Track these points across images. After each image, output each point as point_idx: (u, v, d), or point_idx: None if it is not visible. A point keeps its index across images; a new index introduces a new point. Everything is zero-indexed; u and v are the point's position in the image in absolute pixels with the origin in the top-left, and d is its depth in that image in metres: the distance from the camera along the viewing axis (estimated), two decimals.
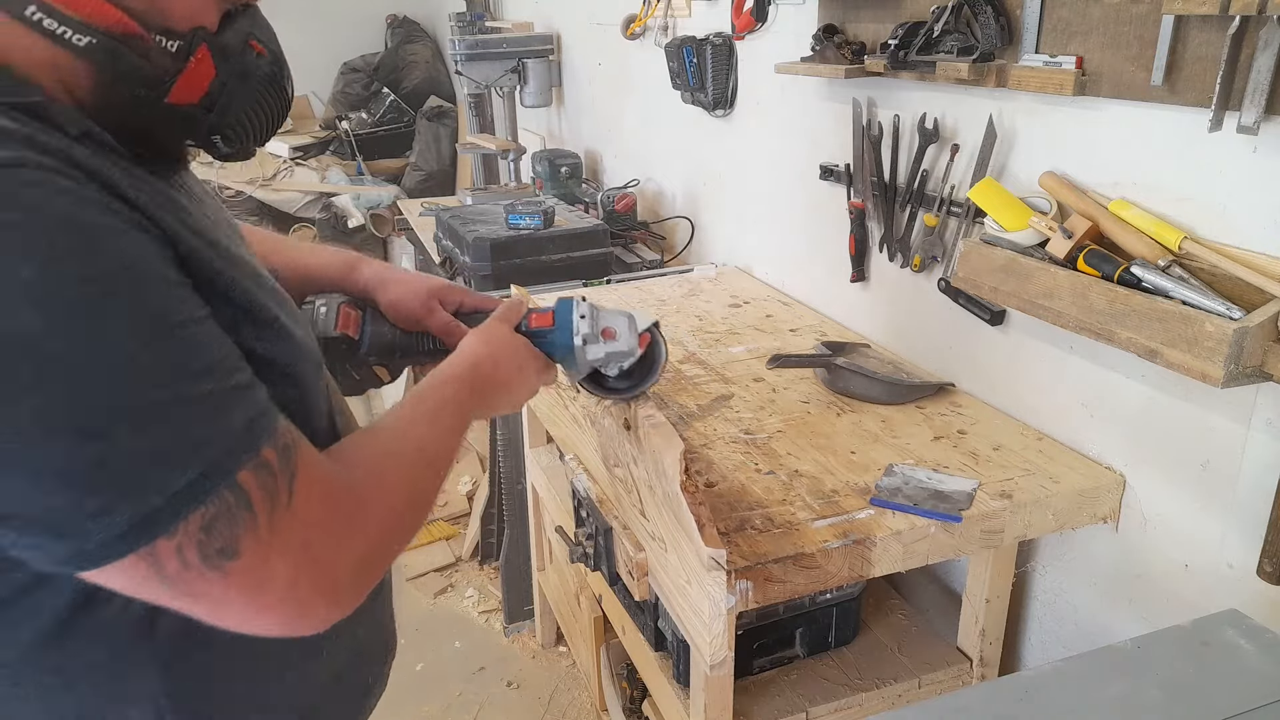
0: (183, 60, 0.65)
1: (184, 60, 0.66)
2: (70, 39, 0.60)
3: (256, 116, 0.72)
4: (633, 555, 1.21)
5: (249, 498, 0.60)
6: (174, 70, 0.65)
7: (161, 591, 0.59)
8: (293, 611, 0.63)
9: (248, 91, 0.71)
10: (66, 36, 0.60)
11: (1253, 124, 1.04)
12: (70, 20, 0.60)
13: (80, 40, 0.61)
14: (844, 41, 1.72)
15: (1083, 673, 0.93)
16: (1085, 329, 1.21)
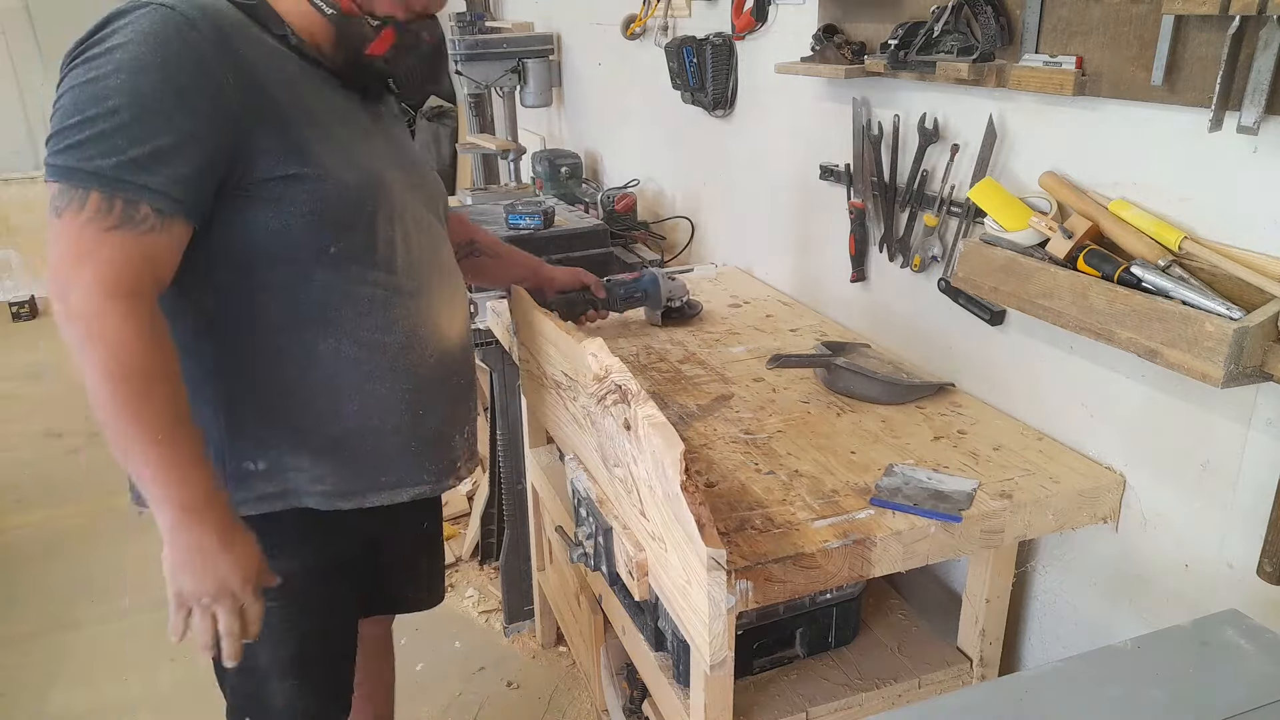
0: (378, 32, 1.19)
1: (379, 32, 1.19)
2: (324, 9, 1.16)
3: (415, 75, 1.25)
4: (633, 555, 1.21)
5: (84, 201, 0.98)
6: (373, 36, 1.19)
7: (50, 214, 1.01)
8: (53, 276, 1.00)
9: (413, 59, 1.23)
10: (323, 8, 1.16)
11: (1253, 124, 1.04)
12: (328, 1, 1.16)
13: (329, 10, 1.16)
14: (844, 41, 1.72)
15: (1082, 673, 0.93)
16: (1085, 329, 1.21)
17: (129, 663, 2.41)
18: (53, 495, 3.25)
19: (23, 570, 2.83)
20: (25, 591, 2.73)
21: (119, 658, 2.43)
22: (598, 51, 3.13)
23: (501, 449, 2.31)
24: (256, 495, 1.21)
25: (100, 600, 2.67)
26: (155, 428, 1.03)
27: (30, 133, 5.23)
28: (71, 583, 2.76)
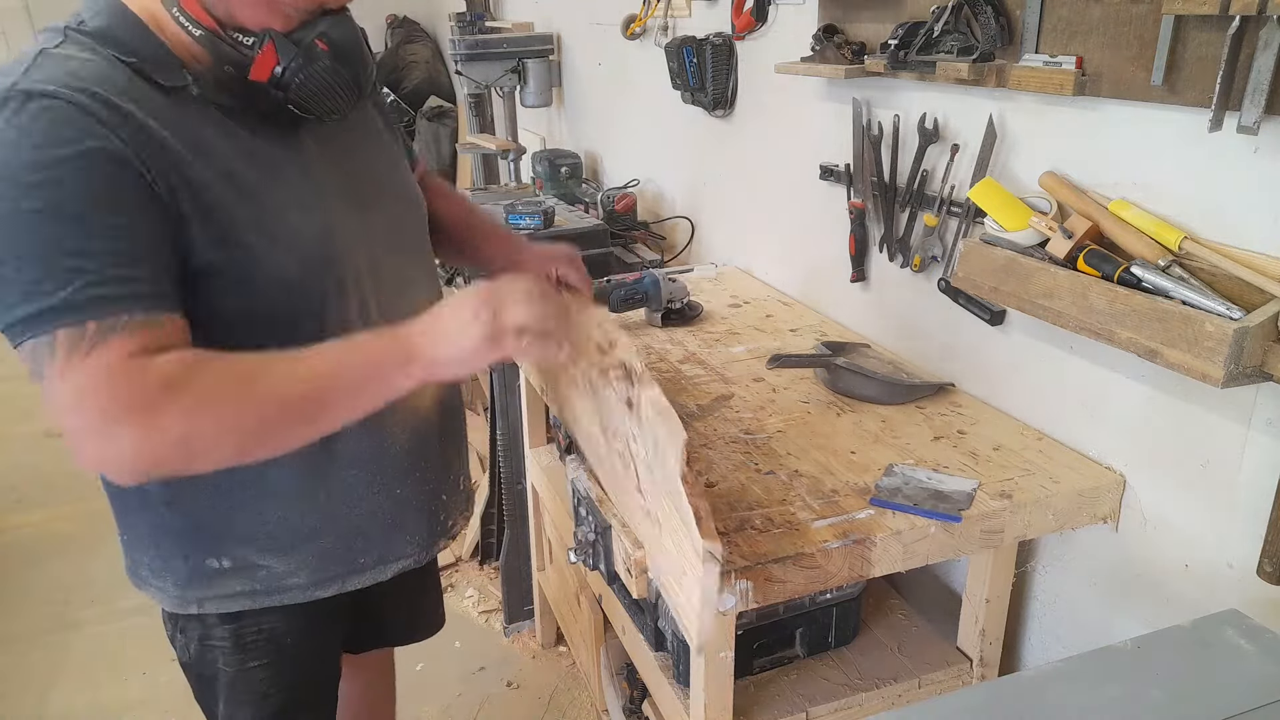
0: (255, 50, 0.95)
1: (256, 50, 0.95)
2: (189, 29, 0.95)
3: (317, 93, 0.99)
4: (631, 553, 1.21)
5: (54, 346, 0.85)
6: (251, 58, 0.96)
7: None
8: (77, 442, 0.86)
9: (310, 74, 0.98)
10: (188, 28, 0.95)
11: (1253, 124, 1.04)
12: (189, 17, 0.95)
13: (195, 31, 0.95)
14: (844, 42, 1.72)
15: (1082, 673, 0.93)
16: (1085, 329, 1.21)
17: (129, 663, 2.41)
18: (53, 495, 3.25)
19: (23, 570, 2.83)
20: (25, 591, 2.73)
21: (119, 658, 2.44)
22: (598, 51, 3.13)
23: (501, 449, 2.31)
24: (224, 594, 1.13)
25: (100, 600, 2.67)
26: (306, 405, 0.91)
27: None
28: (71, 583, 2.76)
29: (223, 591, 1.13)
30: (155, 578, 1.14)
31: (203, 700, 1.26)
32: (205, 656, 1.19)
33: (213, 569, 1.11)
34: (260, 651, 1.18)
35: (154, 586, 1.15)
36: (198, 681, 1.24)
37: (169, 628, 1.21)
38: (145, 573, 1.15)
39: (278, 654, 1.20)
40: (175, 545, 1.11)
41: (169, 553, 1.11)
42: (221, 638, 1.17)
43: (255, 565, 1.12)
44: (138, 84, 0.92)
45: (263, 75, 0.96)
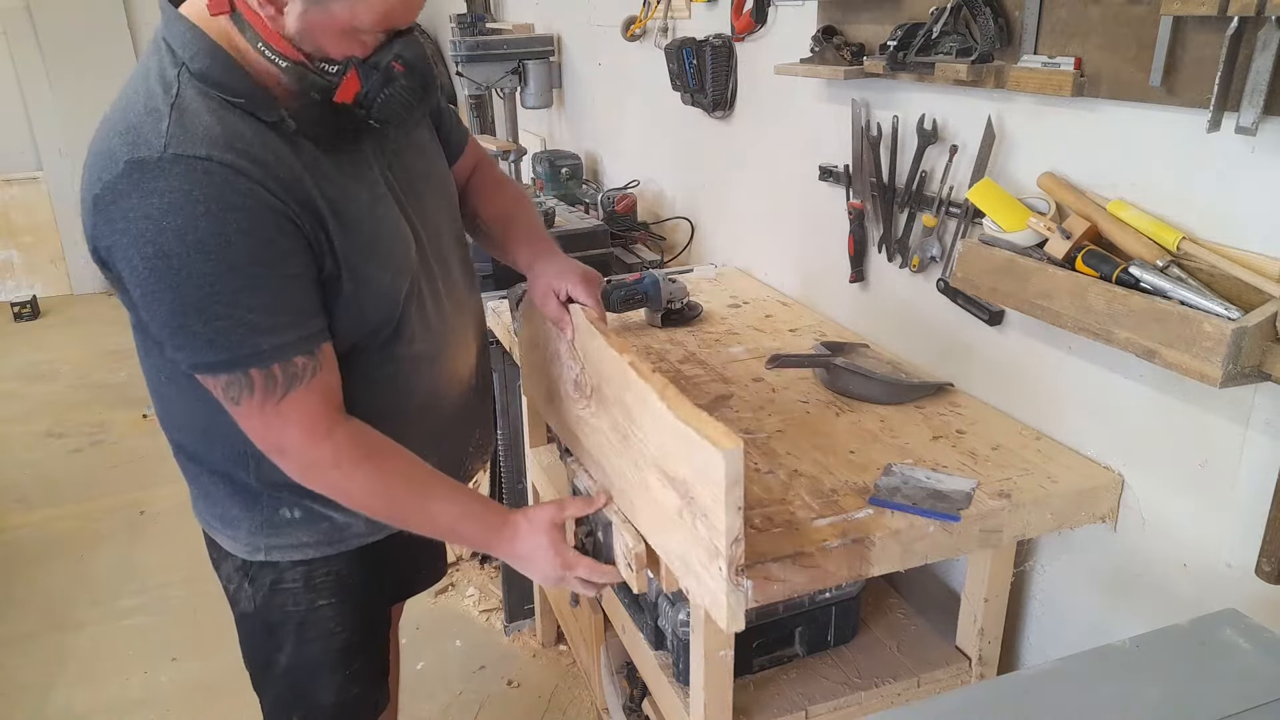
0: (340, 77, 1.04)
1: (340, 77, 1.04)
2: (276, 61, 1.02)
3: (397, 109, 1.09)
4: (631, 547, 1.21)
5: (251, 384, 1.02)
6: (336, 83, 1.04)
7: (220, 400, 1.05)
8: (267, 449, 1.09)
9: (390, 94, 1.07)
10: (275, 60, 1.02)
11: (1251, 125, 1.04)
12: (274, 50, 1.01)
13: (282, 63, 1.02)
14: (843, 43, 1.72)
15: (1081, 672, 0.93)
16: (1083, 329, 1.21)
17: (129, 663, 2.42)
18: (53, 495, 3.25)
19: (23, 570, 2.84)
20: (25, 591, 2.74)
21: (119, 658, 2.44)
22: (598, 53, 3.13)
23: (502, 449, 2.31)
24: (293, 543, 1.24)
25: (100, 600, 2.67)
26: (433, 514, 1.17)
27: (32, 133, 5.24)
28: (71, 583, 2.76)
29: (290, 540, 1.24)
30: (226, 526, 1.25)
31: (261, 651, 1.34)
32: (274, 601, 1.28)
33: (284, 519, 1.23)
34: (329, 591, 1.29)
35: (225, 534, 1.26)
36: (261, 630, 1.31)
37: (235, 580, 1.29)
38: (216, 522, 1.26)
39: (344, 594, 1.31)
40: (253, 499, 1.21)
41: (245, 504, 1.22)
42: (293, 579, 1.27)
43: (321, 516, 1.23)
44: (256, 128, 1.01)
45: (348, 97, 1.06)
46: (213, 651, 2.40)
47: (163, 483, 3.26)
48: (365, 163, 1.15)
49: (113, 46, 5.19)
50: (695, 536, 1.06)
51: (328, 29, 1.00)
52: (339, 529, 1.25)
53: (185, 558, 2.78)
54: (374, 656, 1.41)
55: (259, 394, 1.03)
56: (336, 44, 1.02)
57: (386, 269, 1.13)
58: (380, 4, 1.00)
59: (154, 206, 0.94)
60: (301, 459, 1.09)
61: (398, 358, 1.19)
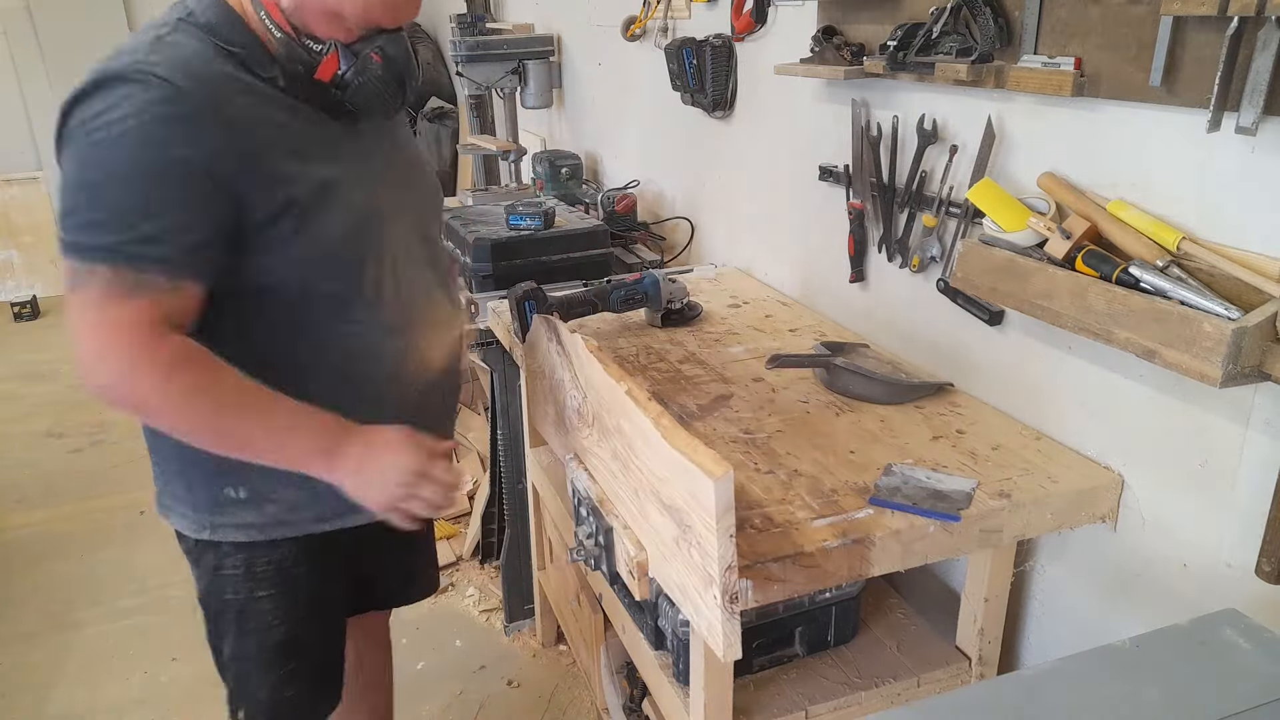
0: (321, 56, 1.14)
1: (322, 56, 1.14)
2: (272, 30, 1.13)
3: (369, 96, 1.18)
4: (633, 554, 1.21)
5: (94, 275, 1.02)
6: (317, 61, 1.14)
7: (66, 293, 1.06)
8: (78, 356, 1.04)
9: (364, 80, 1.16)
10: (271, 29, 1.12)
11: (1251, 125, 1.04)
12: (272, 20, 1.12)
13: (276, 34, 1.13)
14: (843, 43, 1.72)
15: (1081, 672, 0.93)
16: (1083, 329, 1.21)
17: (129, 663, 2.42)
18: (53, 495, 3.25)
19: (22, 570, 2.84)
20: (25, 591, 2.73)
21: (119, 658, 2.44)
22: (598, 53, 3.13)
23: (502, 449, 2.31)
24: (237, 523, 1.25)
25: (100, 600, 2.67)
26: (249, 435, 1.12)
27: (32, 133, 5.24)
28: (71, 583, 2.76)
29: (235, 520, 1.25)
30: (177, 503, 1.27)
31: (214, 639, 1.35)
32: (216, 586, 1.29)
33: (229, 498, 1.23)
34: (269, 582, 1.29)
35: (176, 512, 1.28)
36: (211, 618, 1.33)
37: (189, 562, 1.32)
38: (168, 500, 1.29)
39: (285, 585, 1.30)
40: (200, 473, 1.23)
41: (193, 480, 1.24)
42: (234, 566, 1.28)
43: (267, 499, 1.24)
44: (237, 72, 1.11)
45: (326, 76, 1.15)
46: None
47: None
48: (354, 137, 1.23)
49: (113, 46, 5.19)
50: (691, 564, 1.07)
51: (315, 10, 1.11)
52: (285, 511, 1.25)
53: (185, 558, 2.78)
54: (319, 660, 1.39)
55: (99, 291, 1.02)
56: (322, 25, 1.12)
57: (340, 216, 1.16)
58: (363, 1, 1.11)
59: (106, 105, 1.02)
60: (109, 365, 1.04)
61: (361, 320, 1.22)
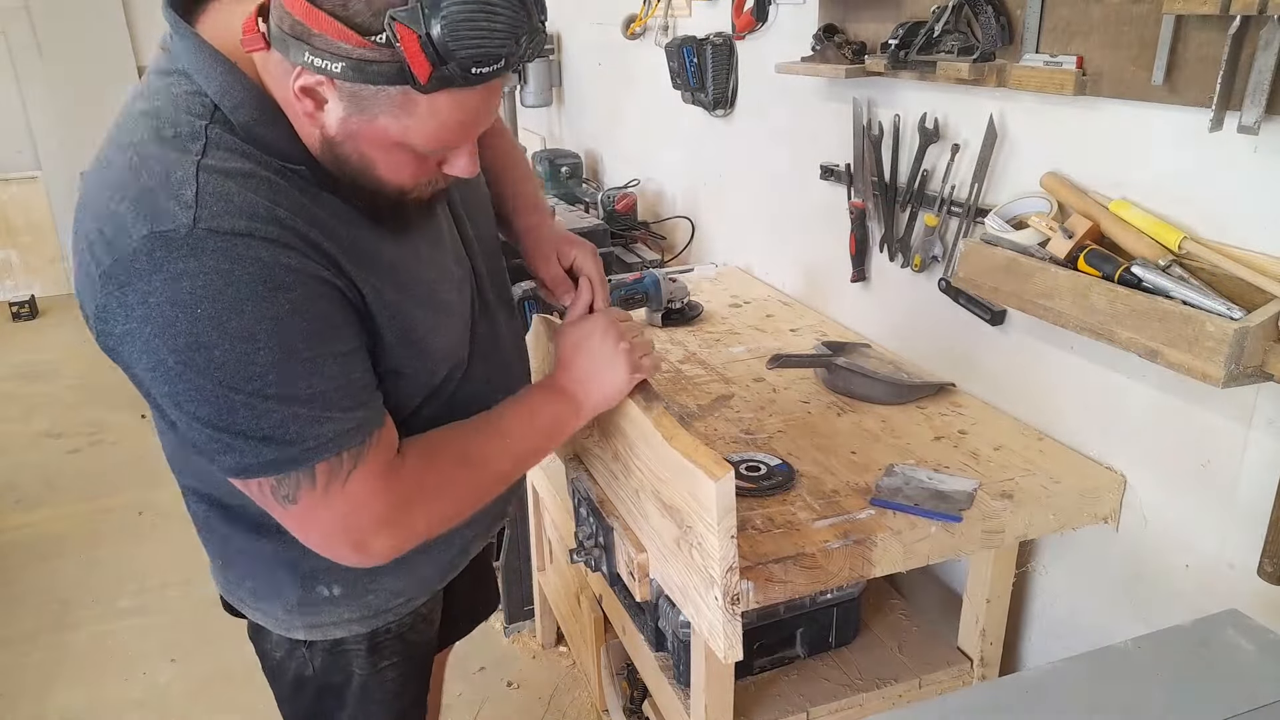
0: None
1: None
2: None
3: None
4: (633, 556, 1.21)
5: (314, 476, 0.87)
6: None
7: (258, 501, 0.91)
8: (328, 548, 0.94)
9: None
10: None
11: (1253, 124, 1.04)
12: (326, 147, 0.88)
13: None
14: (844, 41, 1.72)
15: (1083, 673, 0.93)
16: (1086, 329, 1.21)
17: (129, 663, 2.41)
18: (53, 495, 3.25)
19: (23, 570, 2.83)
20: (24, 592, 2.73)
21: (119, 658, 2.43)
22: (598, 51, 3.13)
23: None
24: (334, 620, 1.11)
25: (100, 600, 2.67)
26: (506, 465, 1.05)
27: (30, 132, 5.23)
28: (71, 583, 2.75)
29: (331, 619, 1.11)
30: (259, 601, 1.11)
31: (317, 716, 1.20)
32: (337, 664, 1.15)
33: (322, 596, 1.08)
34: (391, 651, 1.17)
35: (258, 610, 1.12)
36: (319, 694, 1.18)
37: (281, 649, 1.15)
38: (246, 596, 1.12)
39: (408, 651, 1.20)
40: (287, 573, 1.07)
41: (280, 580, 1.08)
42: (356, 643, 1.14)
43: (367, 589, 1.10)
44: (305, 191, 0.87)
45: None
46: (212, 652, 2.39)
47: (162, 483, 3.24)
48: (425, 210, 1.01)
49: (112, 46, 5.18)
50: (692, 565, 1.06)
51: (373, 140, 0.84)
52: (387, 600, 1.12)
53: (184, 558, 2.77)
54: (425, 709, 1.31)
55: (321, 485, 0.88)
56: (385, 159, 0.86)
57: (448, 327, 1.02)
58: (436, 125, 0.83)
59: (184, 290, 0.78)
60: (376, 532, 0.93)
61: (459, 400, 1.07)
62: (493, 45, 0.77)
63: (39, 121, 5.21)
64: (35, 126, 5.22)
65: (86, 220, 0.83)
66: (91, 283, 0.82)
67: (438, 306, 1.00)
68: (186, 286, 0.78)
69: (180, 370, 0.81)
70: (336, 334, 0.87)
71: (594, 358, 1.11)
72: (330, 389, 0.86)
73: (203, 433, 0.85)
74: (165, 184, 0.80)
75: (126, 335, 0.81)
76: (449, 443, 1.00)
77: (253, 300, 0.80)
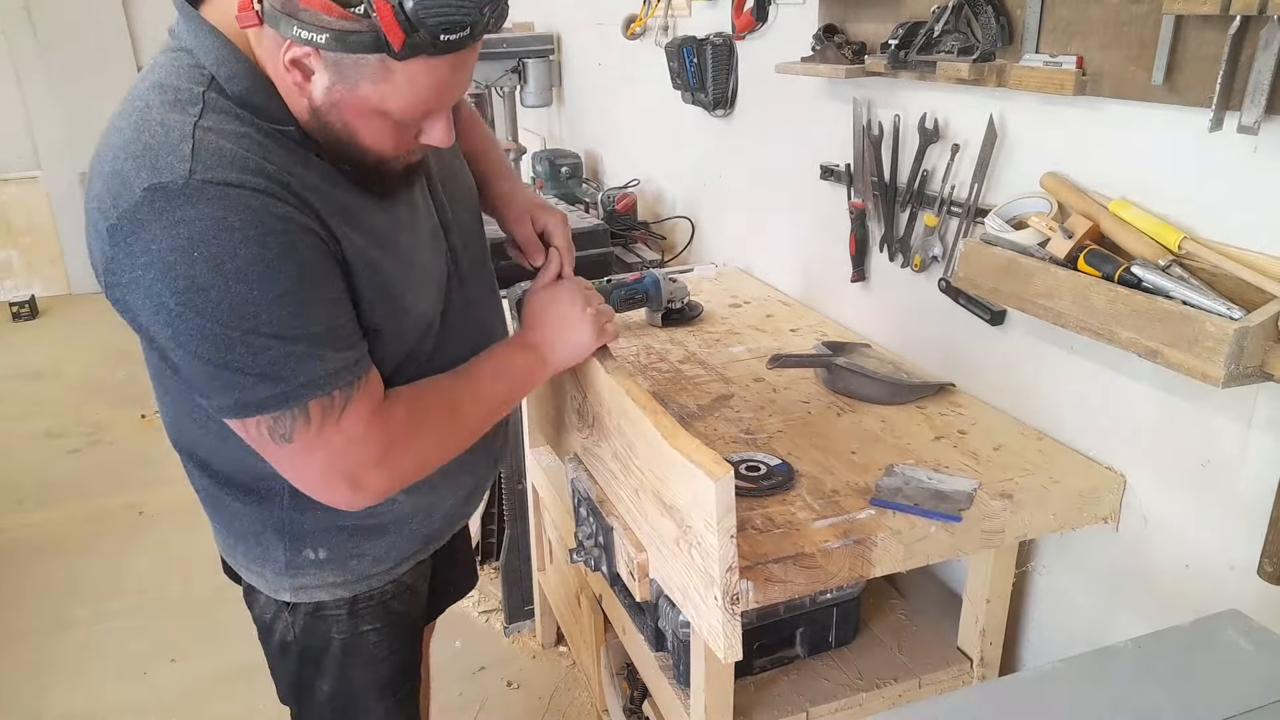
0: None
1: None
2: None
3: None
4: (633, 556, 1.21)
5: (309, 414, 0.93)
6: None
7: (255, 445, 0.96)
8: (325, 487, 0.99)
9: None
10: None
11: (1253, 124, 1.04)
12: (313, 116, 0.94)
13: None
14: (844, 41, 1.72)
15: (1083, 673, 0.93)
16: (1086, 329, 1.21)
17: (129, 663, 2.41)
18: (53, 495, 3.25)
19: (21, 571, 2.83)
20: (23, 592, 2.73)
21: (118, 658, 2.43)
22: (598, 51, 3.13)
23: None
24: (319, 583, 1.17)
25: (99, 600, 2.67)
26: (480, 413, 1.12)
27: (30, 133, 5.23)
28: (70, 583, 2.75)
29: (316, 581, 1.17)
30: (251, 563, 1.18)
31: (302, 680, 1.26)
32: (317, 628, 1.21)
33: (308, 560, 1.15)
34: (372, 616, 1.23)
35: (251, 571, 1.20)
36: (301, 659, 1.24)
37: (270, 609, 1.22)
38: (240, 557, 1.19)
39: (389, 618, 1.25)
40: (276, 536, 1.14)
41: (269, 543, 1.14)
42: (336, 606, 1.20)
43: (351, 555, 1.16)
44: (290, 150, 0.94)
45: None
46: (211, 652, 2.39)
47: (161, 483, 3.25)
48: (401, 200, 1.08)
49: (112, 46, 5.18)
50: (692, 565, 1.06)
51: (355, 109, 0.92)
52: (370, 566, 1.18)
53: (183, 558, 2.77)
54: (417, 678, 1.36)
55: (316, 423, 0.94)
56: (367, 127, 0.94)
57: (423, 292, 1.08)
58: (411, 93, 0.91)
59: (182, 236, 0.85)
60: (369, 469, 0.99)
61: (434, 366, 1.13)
62: (460, 14, 0.86)
63: (39, 121, 5.21)
64: (35, 126, 5.22)
65: (96, 183, 0.90)
66: (100, 239, 0.89)
67: (415, 268, 1.06)
68: (184, 232, 0.85)
69: (180, 311, 0.87)
70: (324, 280, 0.94)
71: (561, 319, 1.20)
72: (321, 330, 0.93)
73: (203, 370, 0.90)
74: (165, 141, 0.87)
75: (131, 283, 0.87)
76: (430, 391, 1.07)
77: (245, 244, 0.86)
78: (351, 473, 0.99)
